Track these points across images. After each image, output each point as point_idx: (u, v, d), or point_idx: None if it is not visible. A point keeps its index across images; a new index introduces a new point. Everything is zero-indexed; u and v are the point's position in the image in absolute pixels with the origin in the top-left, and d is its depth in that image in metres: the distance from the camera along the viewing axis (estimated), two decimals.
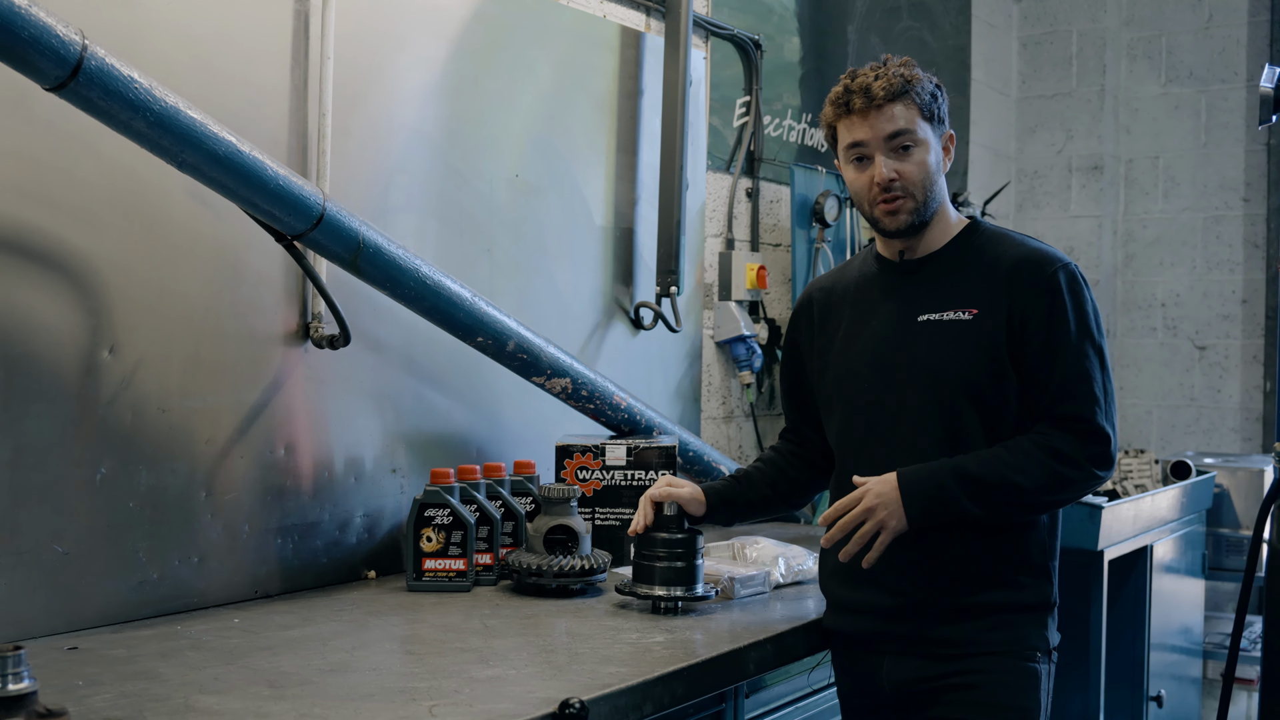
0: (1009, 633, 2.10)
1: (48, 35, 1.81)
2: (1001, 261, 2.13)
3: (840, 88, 2.14)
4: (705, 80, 3.65)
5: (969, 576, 2.10)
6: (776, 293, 3.96)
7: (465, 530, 2.49)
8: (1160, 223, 5.46)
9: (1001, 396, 2.09)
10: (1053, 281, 2.09)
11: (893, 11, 4.64)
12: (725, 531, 3.18)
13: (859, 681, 2.23)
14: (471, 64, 2.87)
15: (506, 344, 2.64)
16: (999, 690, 2.09)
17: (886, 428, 2.15)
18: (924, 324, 2.14)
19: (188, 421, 2.30)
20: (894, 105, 2.09)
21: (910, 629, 2.13)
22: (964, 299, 2.12)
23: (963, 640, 2.10)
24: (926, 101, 2.12)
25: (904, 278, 2.20)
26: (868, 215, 2.18)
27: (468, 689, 1.81)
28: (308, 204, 2.22)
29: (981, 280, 2.13)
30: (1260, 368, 5.23)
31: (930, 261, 2.19)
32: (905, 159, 2.11)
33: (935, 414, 2.10)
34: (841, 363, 2.23)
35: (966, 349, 2.09)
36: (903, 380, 2.13)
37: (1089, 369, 2.08)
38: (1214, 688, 4.61)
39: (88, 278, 2.15)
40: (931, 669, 2.11)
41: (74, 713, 1.53)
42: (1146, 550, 3.72)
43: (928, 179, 2.13)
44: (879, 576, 2.12)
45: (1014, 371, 2.09)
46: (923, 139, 2.12)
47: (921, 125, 2.11)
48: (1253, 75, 5.21)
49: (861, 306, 2.24)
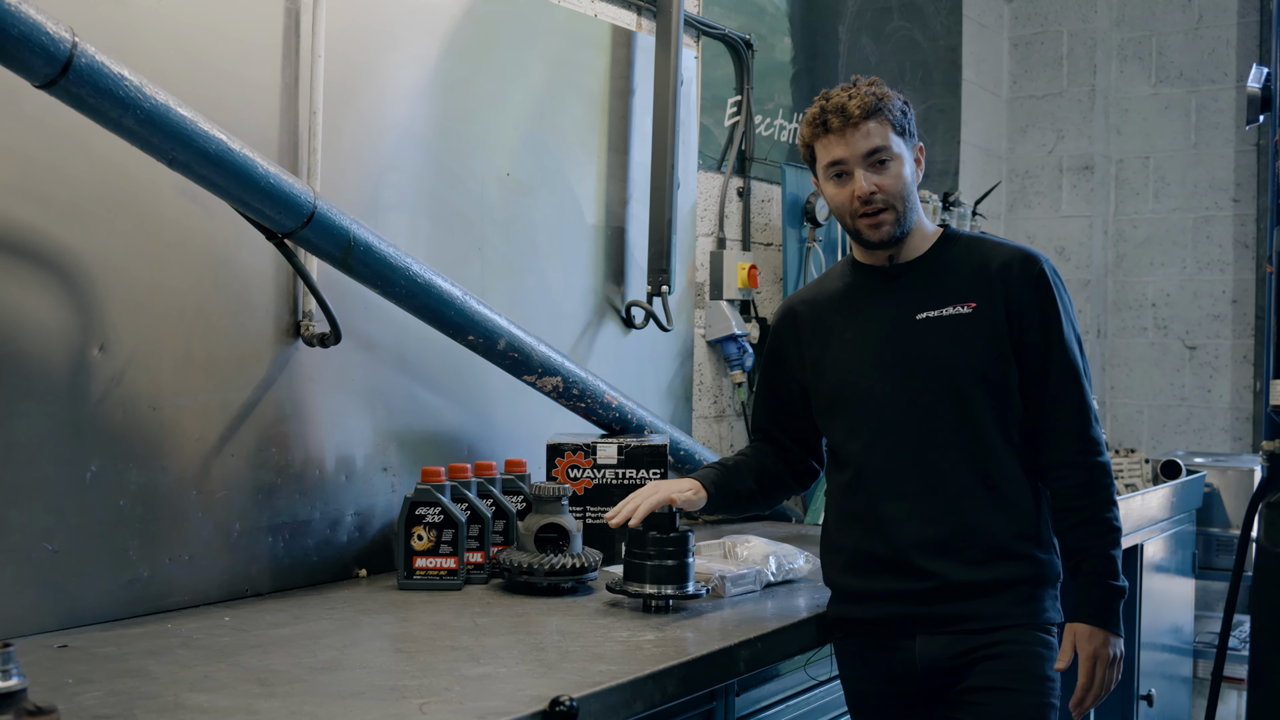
0: (1031, 605, 2.20)
1: (37, 32, 1.81)
2: (989, 260, 2.25)
3: (816, 109, 2.24)
4: (696, 79, 3.65)
5: (990, 554, 2.18)
6: (768, 292, 3.96)
7: (456, 528, 2.49)
8: (1151, 223, 5.47)
9: (1008, 384, 2.20)
10: (1042, 278, 2.22)
11: (884, 11, 4.65)
12: (717, 530, 3.19)
13: (883, 667, 2.26)
14: (463, 62, 2.87)
15: (498, 342, 2.64)
16: (1026, 659, 2.18)
17: (899, 422, 2.22)
18: (925, 320, 2.23)
19: (178, 419, 2.29)
20: (869, 122, 2.20)
21: (941, 609, 2.19)
22: (959, 295, 2.22)
23: (992, 614, 2.18)
24: (898, 117, 2.22)
25: (892, 282, 2.28)
26: (849, 229, 2.27)
27: (458, 687, 1.81)
28: (298, 202, 2.22)
29: (973, 277, 2.23)
30: (1250, 367, 5.25)
31: (915, 266, 2.28)
32: (883, 173, 2.21)
33: (949, 402, 2.19)
34: (842, 365, 2.29)
35: (972, 339, 2.19)
36: (913, 373, 2.21)
37: (1077, 358, 2.22)
38: (1204, 687, 4.62)
39: (78, 275, 2.14)
40: (963, 643, 2.18)
41: (64, 710, 1.53)
42: (1137, 549, 3.74)
43: (905, 190, 2.23)
44: (907, 561, 2.20)
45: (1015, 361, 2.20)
46: (897, 153, 2.22)
47: (895, 140, 2.22)
48: (1242, 76, 5.23)
49: (852, 312, 2.31)
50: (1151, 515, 3.87)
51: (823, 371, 2.32)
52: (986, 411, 2.19)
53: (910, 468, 2.21)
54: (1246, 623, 4.34)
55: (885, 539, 2.22)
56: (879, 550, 2.23)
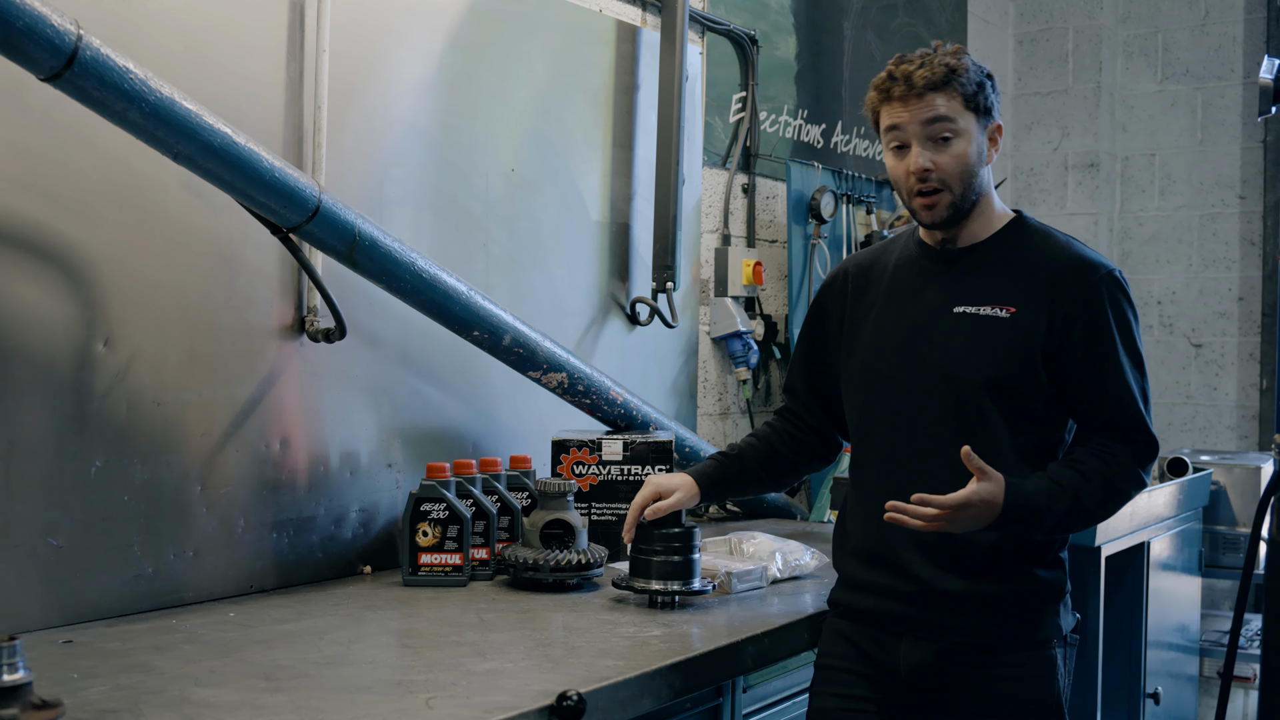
0: (1023, 622, 2.11)
1: (43, 25, 1.80)
2: (1045, 262, 2.11)
3: (885, 73, 2.10)
4: (701, 76, 3.64)
5: (985, 567, 2.10)
6: (773, 289, 3.95)
7: (461, 525, 2.48)
8: (1156, 220, 5.46)
9: (1028, 397, 2.08)
10: (1096, 290, 2.08)
11: (889, 8, 4.64)
12: (722, 527, 3.18)
13: (864, 654, 2.17)
14: (467, 58, 2.86)
15: (503, 338, 2.63)
16: (1015, 684, 2.09)
17: (908, 418, 2.14)
18: (959, 316, 2.12)
19: (183, 415, 2.29)
20: (935, 95, 2.05)
21: (927, 615, 2.12)
22: (1003, 295, 2.10)
23: (979, 629, 2.10)
24: (971, 92, 2.07)
25: (945, 266, 2.17)
26: (906, 205, 2.15)
27: (465, 681, 1.81)
28: (303, 196, 2.22)
29: (1023, 279, 2.10)
30: (1256, 365, 5.23)
31: (972, 253, 2.16)
32: (943, 150, 2.07)
33: (954, 412, 2.10)
34: (870, 345, 2.20)
35: (998, 347, 2.08)
36: (927, 372, 2.12)
37: (1136, 378, 2.09)
38: (1210, 685, 4.62)
39: (82, 270, 2.14)
40: (949, 656, 2.10)
41: (69, 705, 1.53)
42: (1144, 547, 3.72)
43: (966, 171, 2.08)
44: (897, 561, 2.13)
45: (1045, 374, 2.08)
46: (963, 129, 2.07)
47: (964, 116, 2.07)
48: (1249, 72, 5.21)
49: (898, 290, 2.20)
50: (1158, 513, 3.85)
51: (854, 347, 2.23)
52: (999, 423, 2.07)
53: (912, 466, 2.12)
54: (1256, 620, 4.34)
55: (881, 534, 2.13)
56: (874, 544, 2.16)
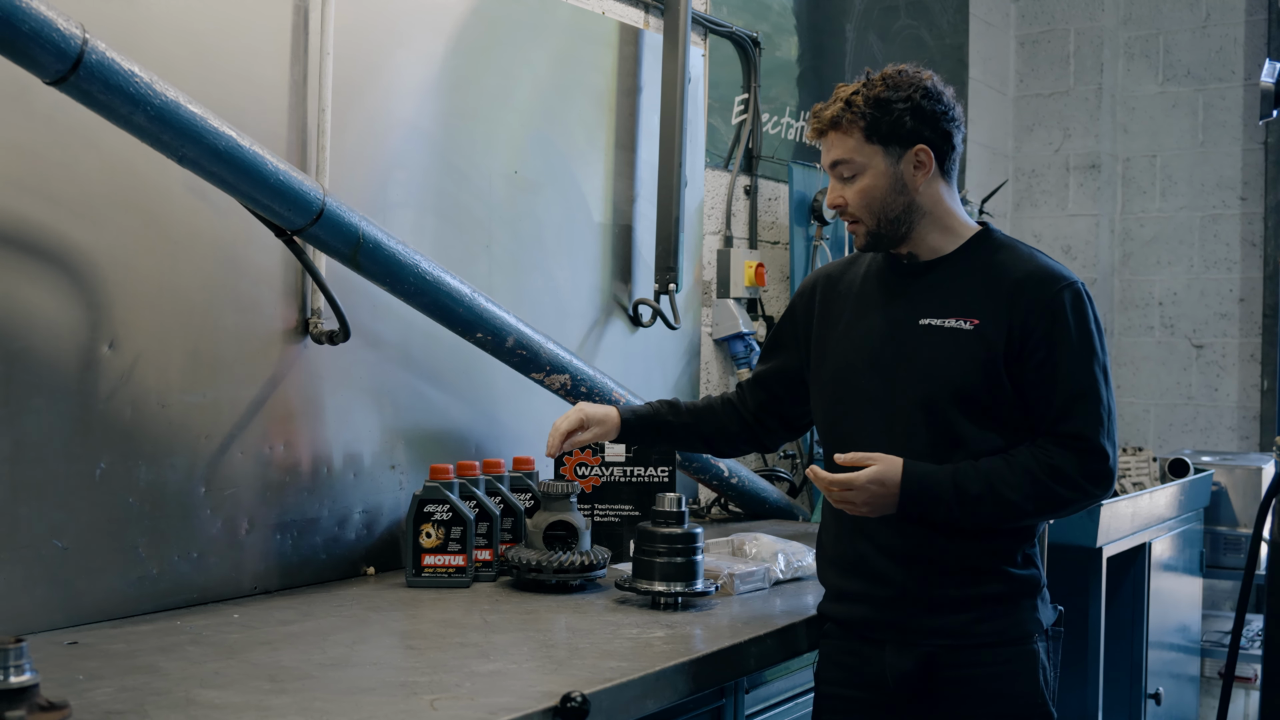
0: (1001, 621, 2.12)
1: (48, 29, 1.81)
2: (1007, 275, 2.13)
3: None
4: (704, 77, 3.64)
5: (958, 569, 2.12)
6: (775, 290, 3.96)
7: (464, 526, 2.49)
8: (1158, 221, 5.46)
9: (995, 407, 2.11)
10: (1056, 300, 2.10)
11: (890, 10, 4.64)
12: (725, 528, 3.19)
13: (855, 673, 2.18)
14: (470, 60, 2.87)
15: (506, 340, 2.64)
16: (997, 681, 2.11)
17: (878, 428, 2.15)
18: (925, 328, 2.14)
19: (187, 417, 2.29)
20: (834, 133, 2.14)
21: (907, 619, 2.13)
22: (967, 308, 2.13)
23: (958, 630, 2.11)
24: (872, 123, 2.10)
25: (911, 279, 2.20)
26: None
27: (469, 683, 1.81)
28: (307, 199, 2.22)
29: (985, 291, 2.13)
30: (1258, 366, 5.24)
31: (937, 266, 2.19)
32: (849, 186, 2.15)
33: (924, 420, 2.12)
34: (840, 355, 2.23)
35: (963, 359, 2.10)
36: (897, 382, 2.14)
37: (1091, 388, 2.09)
38: (1211, 685, 4.62)
39: (87, 272, 2.14)
40: (930, 660, 2.11)
41: (75, 706, 1.53)
42: (1145, 548, 3.73)
43: (874, 203, 2.14)
44: (873, 567, 2.14)
45: (1010, 384, 2.10)
46: (865, 164, 2.12)
47: (864, 151, 2.12)
48: (1250, 74, 5.22)
49: (866, 301, 2.24)
50: (1159, 514, 3.86)
51: (823, 356, 2.27)
52: (969, 433, 2.09)
53: None
54: (1257, 621, 4.34)
55: (853, 540, 2.16)
56: (848, 551, 2.18)
